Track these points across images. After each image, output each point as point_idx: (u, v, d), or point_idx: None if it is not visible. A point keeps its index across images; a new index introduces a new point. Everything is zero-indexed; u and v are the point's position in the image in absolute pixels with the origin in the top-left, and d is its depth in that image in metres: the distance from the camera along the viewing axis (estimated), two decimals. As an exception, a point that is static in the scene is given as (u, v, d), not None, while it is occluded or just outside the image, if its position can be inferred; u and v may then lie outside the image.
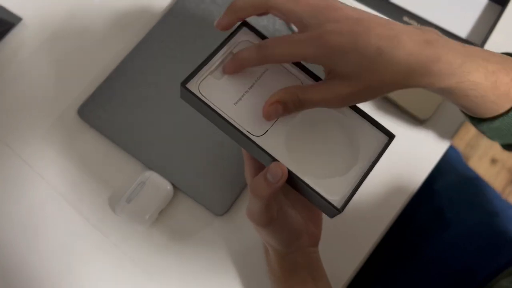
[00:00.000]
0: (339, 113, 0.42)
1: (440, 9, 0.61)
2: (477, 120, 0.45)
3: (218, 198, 0.54)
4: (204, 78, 0.41)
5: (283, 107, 0.38)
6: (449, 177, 0.74)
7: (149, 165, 0.55)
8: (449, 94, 0.40)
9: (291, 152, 0.40)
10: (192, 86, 0.41)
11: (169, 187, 0.54)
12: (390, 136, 0.43)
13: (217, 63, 0.42)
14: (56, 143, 0.57)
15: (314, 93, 0.37)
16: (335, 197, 0.39)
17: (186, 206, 0.55)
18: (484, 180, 0.76)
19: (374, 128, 0.43)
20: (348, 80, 0.36)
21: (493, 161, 1.32)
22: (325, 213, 0.40)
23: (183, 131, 0.57)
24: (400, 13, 0.60)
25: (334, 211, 0.39)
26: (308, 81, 0.42)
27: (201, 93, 0.40)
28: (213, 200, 0.54)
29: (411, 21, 0.60)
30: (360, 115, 0.42)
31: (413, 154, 0.57)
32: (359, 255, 0.53)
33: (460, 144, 1.32)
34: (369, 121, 0.43)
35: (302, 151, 0.41)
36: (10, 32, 0.62)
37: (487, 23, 0.60)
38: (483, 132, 0.47)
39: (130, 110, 0.58)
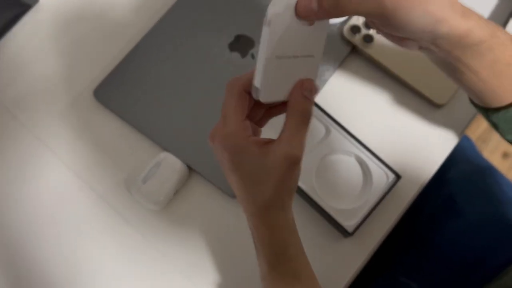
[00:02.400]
0: (360, 153, 0.53)
1: None
2: (491, 111, 0.44)
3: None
4: None
5: (318, 3, 0.35)
6: (462, 166, 0.74)
7: (165, 147, 0.55)
8: (470, 52, 0.38)
9: (319, 187, 0.52)
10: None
11: (184, 168, 0.54)
12: (398, 176, 0.53)
13: None
14: (72, 124, 0.58)
15: None
16: (349, 223, 0.51)
17: (201, 188, 0.55)
18: (497, 170, 0.75)
19: (386, 168, 0.53)
20: None
21: (505, 155, 1.31)
22: (340, 233, 0.52)
23: (199, 113, 0.57)
24: None
25: (347, 234, 0.51)
26: None
27: None
28: (227, 181, 0.54)
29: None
30: (376, 157, 0.53)
31: (428, 140, 0.57)
32: (371, 243, 0.53)
33: (472, 138, 1.31)
34: (382, 162, 0.53)
35: (327, 187, 0.53)
36: (26, 14, 0.62)
37: (502, 16, 0.60)
38: (496, 125, 0.45)
39: (146, 92, 0.58)
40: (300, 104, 0.37)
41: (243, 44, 0.59)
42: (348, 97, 0.58)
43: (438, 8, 0.36)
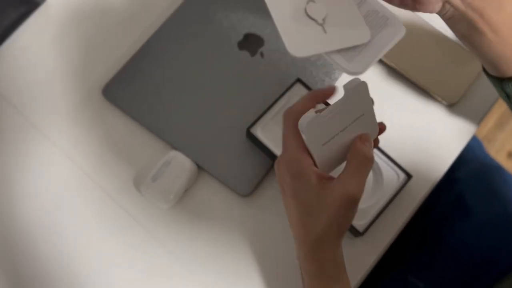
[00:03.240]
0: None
1: None
2: (506, 80, 0.44)
3: (243, 179, 0.54)
4: (266, 124, 0.53)
5: None
6: (472, 165, 0.73)
7: (174, 145, 0.55)
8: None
9: None
10: (255, 130, 0.53)
11: (194, 167, 0.54)
12: (409, 176, 0.53)
13: (275, 111, 0.53)
14: (81, 122, 0.57)
15: None
16: (360, 222, 0.51)
17: (211, 187, 0.55)
18: (506, 169, 0.75)
19: (397, 167, 0.53)
20: None
21: (510, 155, 1.31)
22: (351, 232, 0.51)
23: (208, 111, 0.57)
24: None
25: (358, 234, 0.51)
26: None
27: (261, 136, 0.51)
28: (238, 180, 0.54)
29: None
30: (386, 157, 0.53)
31: (438, 139, 0.56)
32: (382, 243, 0.53)
33: (477, 136, 1.31)
34: (392, 162, 0.53)
35: None
36: (35, 11, 0.62)
37: None
38: (509, 96, 0.45)
39: (155, 90, 0.57)
40: (361, 148, 0.39)
41: (253, 43, 0.59)
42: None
43: None
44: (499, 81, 0.45)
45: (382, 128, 0.43)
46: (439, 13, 0.42)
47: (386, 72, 0.58)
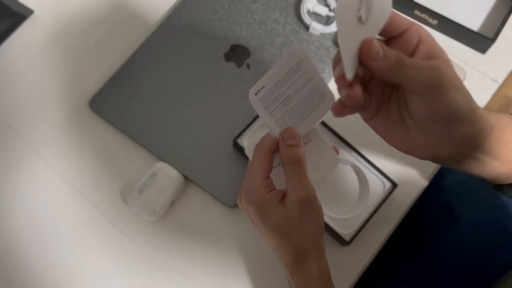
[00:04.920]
0: (356, 162, 0.53)
1: (452, 3, 0.61)
2: (507, 186, 0.46)
3: (230, 190, 0.54)
4: (252, 135, 0.53)
5: (384, 54, 0.34)
6: (459, 172, 0.73)
7: (161, 157, 0.55)
8: (490, 139, 0.39)
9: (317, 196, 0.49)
10: (242, 141, 0.53)
11: (180, 178, 0.54)
12: (395, 184, 0.53)
13: (262, 122, 0.53)
14: (68, 135, 0.57)
15: (415, 58, 0.36)
16: (346, 231, 0.51)
17: (198, 198, 0.55)
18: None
19: (382, 176, 0.53)
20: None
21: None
22: (337, 241, 0.52)
23: (195, 123, 0.57)
24: (412, 7, 0.60)
25: (344, 243, 0.51)
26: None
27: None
28: (225, 191, 0.54)
29: (422, 15, 0.60)
30: (372, 166, 0.53)
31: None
32: (369, 252, 0.53)
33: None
34: (378, 171, 0.53)
35: (325, 196, 0.52)
36: (22, 24, 0.62)
37: (499, 17, 0.60)
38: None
39: (142, 102, 0.58)
40: (286, 153, 0.39)
41: (239, 54, 0.60)
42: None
43: (471, 96, 0.36)
44: (500, 187, 0.47)
45: (336, 151, 0.44)
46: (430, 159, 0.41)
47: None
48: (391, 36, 0.37)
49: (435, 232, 0.68)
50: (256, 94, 0.38)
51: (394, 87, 0.39)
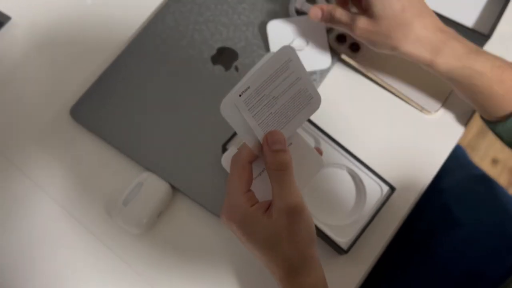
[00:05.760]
0: (352, 166, 0.51)
1: (445, -1, 0.59)
2: (493, 123, 0.48)
3: (220, 199, 0.51)
4: (240, 142, 0.50)
5: (321, 12, 0.52)
6: (456, 174, 0.72)
7: (147, 166, 0.53)
8: (455, 81, 0.47)
9: (311, 203, 0.49)
10: (231, 146, 0.50)
11: (168, 188, 0.51)
12: (392, 188, 0.51)
13: None
14: (49, 146, 0.54)
15: (343, 14, 0.50)
16: (344, 240, 0.49)
17: (186, 208, 0.52)
18: (492, 178, 0.73)
19: (380, 180, 0.51)
20: (374, 19, 0.48)
21: (494, 161, 1.31)
22: (335, 250, 0.49)
23: (182, 129, 0.54)
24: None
25: (342, 252, 0.49)
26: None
27: None
28: (215, 200, 0.51)
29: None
30: (368, 169, 0.51)
31: (421, 149, 0.55)
32: (368, 260, 0.51)
33: (461, 144, 1.30)
34: (375, 174, 0.51)
35: (320, 202, 0.50)
36: (-2, 31, 0.59)
37: (494, 13, 0.59)
38: (500, 136, 0.49)
39: (125, 110, 0.55)
40: (272, 159, 0.37)
41: (226, 57, 0.57)
42: (336, 107, 0.56)
43: (401, 44, 0.49)
44: (486, 122, 0.50)
45: (319, 152, 0.42)
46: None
47: (365, 80, 0.57)
48: None
49: (434, 236, 0.66)
50: (240, 96, 0.35)
51: None
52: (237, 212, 0.38)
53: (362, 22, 0.48)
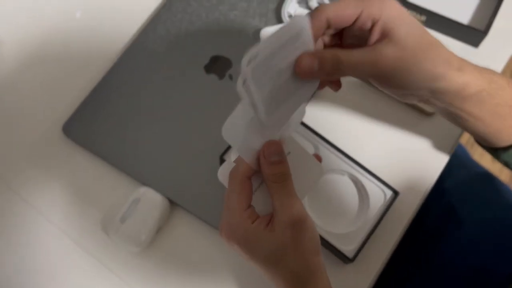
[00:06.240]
0: (353, 171, 0.49)
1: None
2: (500, 150, 0.45)
3: (219, 211, 0.49)
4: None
5: (319, 63, 0.35)
6: (459, 174, 0.71)
7: (143, 181, 0.51)
8: (478, 101, 0.40)
9: (313, 212, 0.48)
10: (229, 157, 0.49)
11: (165, 202, 0.50)
12: (396, 192, 0.49)
13: None
14: (41, 164, 0.53)
15: (354, 53, 0.37)
16: (349, 248, 0.47)
17: (185, 222, 0.51)
18: (494, 175, 0.73)
19: (382, 185, 0.49)
20: (394, 44, 0.37)
21: (495, 157, 1.29)
22: (340, 259, 0.48)
23: (178, 141, 0.53)
24: (400, 2, 0.57)
25: (348, 260, 0.47)
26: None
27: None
28: (214, 213, 0.50)
29: (410, 11, 0.57)
30: (370, 174, 0.49)
31: (422, 151, 0.54)
32: (375, 267, 0.49)
33: (460, 142, 1.29)
34: (377, 179, 0.49)
35: (322, 210, 0.48)
36: (-14, 50, 0.58)
37: (489, 8, 0.58)
38: (507, 163, 0.47)
39: (118, 124, 0.54)
40: (270, 172, 0.36)
41: (220, 65, 0.56)
42: (334, 112, 0.55)
43: (434, 65, 0.37)
44: (493, 150, 0.46)
45: (318, 159, 0.41)
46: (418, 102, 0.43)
47: (362, 84, 0.55)
48: (342, 27, 0.38)
49: (440, 237, 0.65)
50: (247, 65, 0.31)
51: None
52: (238, 231, 0.36)
53: (389, 49, 0.37)
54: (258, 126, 0.36)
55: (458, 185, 0.70)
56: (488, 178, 0.72)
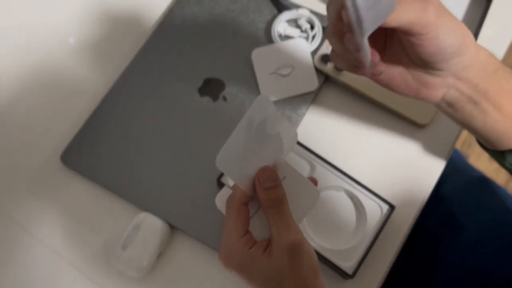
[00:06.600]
0: (349, 187, 0.50)
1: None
2: (508, 152, 0.45)
3: (219, 233, 0.50)
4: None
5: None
6: (455, 179, 0.72)
7: (142, 206, 0.52)
8: (494, 82, 0.40)
9: (311, 229, 0.49)
10: (226, 179, 0.51)
11: (166, 227, 0.50)
12: (392, 206, 0.50)
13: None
14: (41, 193, 0.54)
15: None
16: (348, 264, 0.48)
17: (187, 246, 0.51)
18: (491, 179, 0.73)
19: (378, 199, 0.50)
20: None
21: (492, 158, 1.30)
22: (340, 275, 0.49)
23: (175, 165, 0.54)
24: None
25: (347, 276, 0.48)
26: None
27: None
28: (214, 235, 0.50)
29: (398, 25, 0.58)
30: (366, 189, 0.50)
31: (417, 163, 0.54)
32: (375, 282, 0.50)
33: (457, 143, 1.29)
34: (373, 194, 0.50)
35: (320, 227, 0.49)
36: (-18, 82, 0.59)
37: (475, 18, 0.59)
38: (509, 169, 0.47)
39: (116, 151, 0.54)
40: (265, 197, 0.37)
41: (214, 87, 0.57)
42: (327, 129, 0.55)
43: (466, 32, 0.38)
44: (501, 153, 0.45)
45: (314, 182, 0.41)
46: (440, 102, 0.42)
47: (354, 99, 0.56)
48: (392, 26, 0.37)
49: (440, 243, 0.65)
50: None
51: (388, 37, 0.40)
52: (235, 257, 0.37)
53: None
54: (252, 152, 0.37)
55: (455, 191, 0.70)
56: (484, 182, 0.72)
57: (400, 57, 0.40)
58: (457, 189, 0.70)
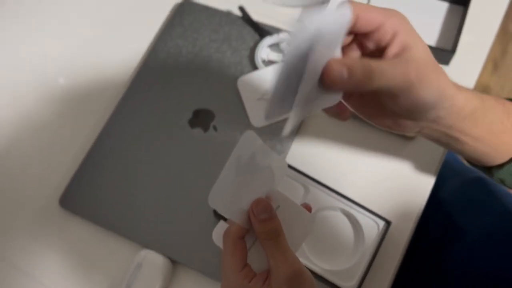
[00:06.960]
0: (344, 206, 0.51)
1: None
2: (495, 168, 0.45)
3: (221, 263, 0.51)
4: None
5: (348, 72, 0.33)
6: (452, 181, 0.72)
7: (143, 243, 0.52)
8: (473, 120, 0.41)
9: (310, 251, 0.49)
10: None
11: (167, 263, 0.51)
12: (388, 222, 0.51)
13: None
14: (41, 239, 0.54)
15: (383, 63, 0.35)
16: (349, 284, 0.48)
17: (190, 279, 0.52)
18: (488, 178, 0.73)
19: (374, 216, 0.51)
20: (416, 58, 0.36)
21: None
22: None
23: (172, 199, 0.54)
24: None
25: None
26: None
27: None
28: (217, 267, 0.51)
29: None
30: (361, 207, 0.51)
31: (408, 176, 0.55)
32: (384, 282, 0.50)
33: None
34: (368, 211, 0.51)
35: (319, 248, 0.50)
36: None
37: (453, 26, 0.59)
38: (503, 180, 0.47)
39: (112, 190, 0.55)
40: (261, 230, 0.38)
41: (203, 118, 0.58)
42: (317, 150, 0.56)
43: (445, 83, 0.38)
44: (488, 169, 0.46)
45: (308, 208, 0.41)
46: (415, 134, 0.43)
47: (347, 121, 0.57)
48: (363, 32, 0.37)
49: (442, 248, 0.65)
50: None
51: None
52: None
53: (413, 62, 0.36)
54: (244, 187, 0.37)
55: (453, 193, 0.70)
56: (481, 181, 0.72)
57: (373, 103, 0.40)
58: (455, 192, 0.70)
